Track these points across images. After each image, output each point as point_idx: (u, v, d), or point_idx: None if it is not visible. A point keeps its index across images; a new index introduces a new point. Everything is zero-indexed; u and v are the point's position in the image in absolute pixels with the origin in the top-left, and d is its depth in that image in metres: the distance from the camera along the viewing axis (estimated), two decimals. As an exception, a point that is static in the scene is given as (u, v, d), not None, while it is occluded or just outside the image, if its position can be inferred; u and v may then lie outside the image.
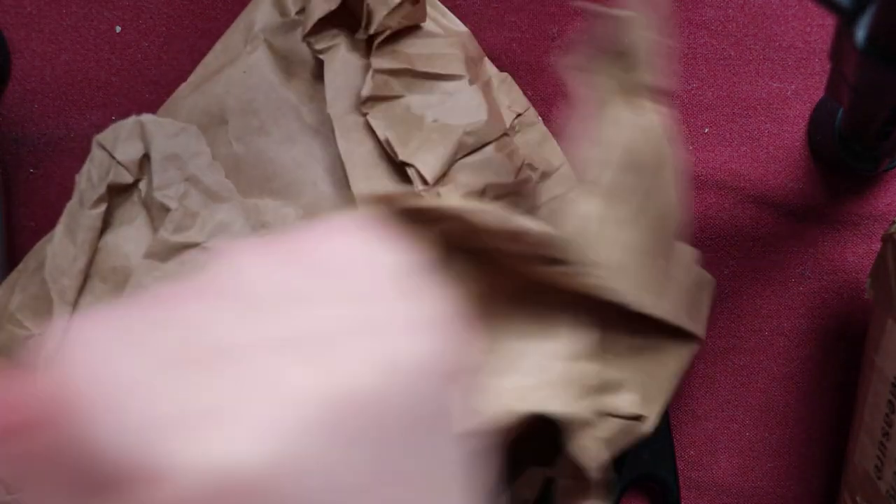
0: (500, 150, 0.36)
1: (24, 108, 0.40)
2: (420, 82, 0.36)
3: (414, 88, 0.36)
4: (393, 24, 0.35)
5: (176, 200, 0.36)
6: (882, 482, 0.33)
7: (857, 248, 0.40)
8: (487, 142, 0.36)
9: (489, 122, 0.36)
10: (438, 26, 0.37)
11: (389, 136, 0.35)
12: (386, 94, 0.35)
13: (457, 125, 0.35)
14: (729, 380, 0.41)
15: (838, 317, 0.41)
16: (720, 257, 0.40)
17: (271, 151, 0.37)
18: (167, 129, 0.36)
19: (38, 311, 0.35)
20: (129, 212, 0.36)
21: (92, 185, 0.35)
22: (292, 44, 0.37)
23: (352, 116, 0.36)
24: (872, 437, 0.34)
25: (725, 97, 0.40)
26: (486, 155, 0.36)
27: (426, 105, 0.36)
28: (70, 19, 0.40)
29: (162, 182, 0.36)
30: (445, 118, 0.36)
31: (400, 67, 0.35)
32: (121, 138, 0.36)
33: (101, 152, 0.36)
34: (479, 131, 0.36)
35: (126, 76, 0.40)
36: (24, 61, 0.40)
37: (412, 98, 0.36)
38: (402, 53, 0.36)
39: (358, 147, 0.36)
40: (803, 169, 0.40)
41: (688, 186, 0.40)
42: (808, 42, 0.40)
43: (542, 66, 0.40)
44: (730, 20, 0.40)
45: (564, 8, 0.40)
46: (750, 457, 0.40)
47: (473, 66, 0.37)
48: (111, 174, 0.35)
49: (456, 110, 0.36)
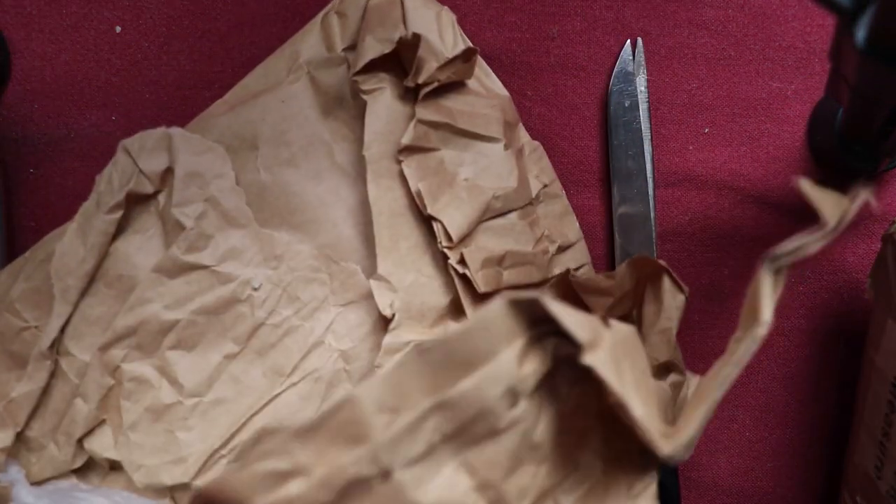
0: (524, 217, 0.37)
1: (24, 108, 0.40)
2: (457, 139, 0.36)
3: (450, 144, 0.36)
4: (442, 77, 0.35)
5: (193, 220, 0.36)
6: (882, 482, 0.33)
7: (857, 248, 0.40)
8: (513, 208, 0.37)
9: (517, 190, 0.36)
10: (482, 86, 0.38)
11: (422, 187, 0.35)
12: (423, 146, 0.36)
13: (487, 187, 0.36)
14: (729, 380, 0.41)
15: (838, 317, 0.41)
16: (720, 257, 0.40)
17: (297, 185, 0.37)
18: (194, 145, 0.36)
19: (38, 305, 0.35)
20: (145, 222, 0.36)
21: (111, 189, 0.35)
22: (334, 80, 0.37)
23: (385, 162, 0.36)
24: (872, 437, 0.34)
25: (725, 97, 0.40)
26: (510, 221, 0.37)
27: (460, 162, 0.36)
28: (70, 19, 0.40)
29: (181, 199, 0.36)
30: (477, 178, 0.36)
31: (441, 121, 0.36)
32: (146, 147, 0.35)
33: (126, 158, 0.35)
34: (507, 196, 0.36)
35: (126, 76, 0.40)
36: (24, 61, 0.40)
37: (447, 153, 0.36)
38: (444, 107, 0.36)
39: (386, 193, 0.36)
40: (803, 169, 0.40)
41: (687, 187, 0.41)
42: (808, 42, 0.40)
43: (542, 66, 0.40)
44: (730, 20, 0.40)
45: (564, 8, 0.40)
46: (750, 457, 0.40)
47: (510, 130, 0.38)
48: (132, 182, 0.35)
49: (488, 172, 0.36)
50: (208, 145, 0.36)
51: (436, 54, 0.35)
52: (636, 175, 0.40)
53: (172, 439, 0.36)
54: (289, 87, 0.37)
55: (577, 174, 0.40)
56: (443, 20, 0.35)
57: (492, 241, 0.36)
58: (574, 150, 0.40)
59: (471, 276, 0.35)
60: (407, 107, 0.37)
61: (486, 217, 0.36)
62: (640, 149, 0.40)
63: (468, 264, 0.35)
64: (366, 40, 0.35)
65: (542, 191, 0.38)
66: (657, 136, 0.40)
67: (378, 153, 0.36)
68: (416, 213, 0.36)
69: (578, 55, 0.40)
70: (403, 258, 0.36)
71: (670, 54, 0.40)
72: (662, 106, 0.40)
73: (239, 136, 0.37)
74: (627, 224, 0.39)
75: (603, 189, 0.41)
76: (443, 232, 0.35)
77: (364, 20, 0.36)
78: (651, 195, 0.39)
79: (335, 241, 0.37)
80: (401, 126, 0.36)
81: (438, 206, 0.35)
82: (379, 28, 0.35)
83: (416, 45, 0.35)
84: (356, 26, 0.37)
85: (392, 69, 0.37)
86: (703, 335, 0.41)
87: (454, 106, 0.36)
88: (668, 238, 0.40)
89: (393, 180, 0.36)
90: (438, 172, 0.36)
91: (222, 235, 0.36)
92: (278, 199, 0.37)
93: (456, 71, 0.36)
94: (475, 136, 0.36)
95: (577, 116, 0.40)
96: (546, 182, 0.38)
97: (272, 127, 0.37)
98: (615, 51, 0.40)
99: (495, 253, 0.36)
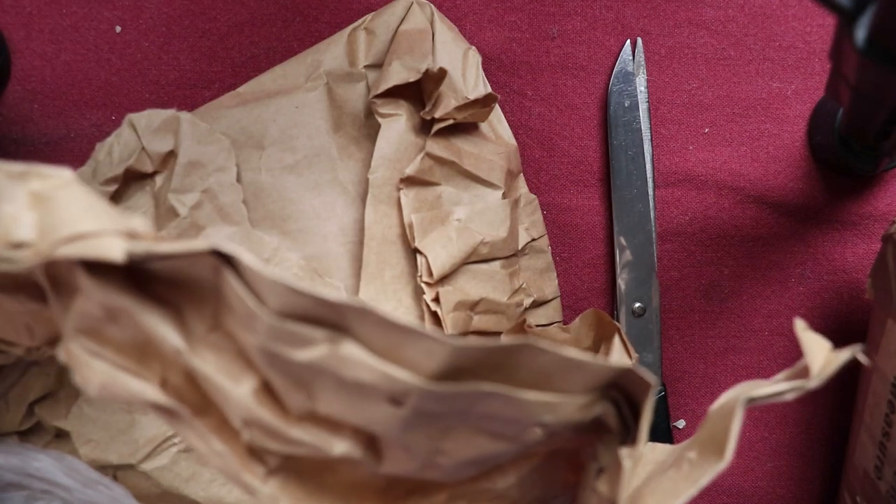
0: (506, 267, 0.37)
1: (24, 108, 0.40)
2: (460, 178, 0.37)
3: (452, 182, 0.37)
4: (459, 116, 0.36)
5: (187, 208, 0.36)
6: (882, 482, 0.33)
7: (857, 248, 0.40)
8: (498, 257, 0.37)
9: (506, 240, 0.37)
10: (492, 131, 0.38)
11: (414, 219, 0.36)
12: (426, 179, 0.36)
13: (477, 232, 0.36)
14: (729, 380, 0.41)
15: (838, 317, 0.41)
16: (720, 257, 0.40)
17: (295, 193, 0.37)
18: (200, 133, 0.36)
19: None
20: (139, 199, 0.36)
21: (111, 161, 0.35)
22: (351, 95, 0.38)
23: (388, 188, 0.37)
24: (872, 437, 0.34)
25: (725, 97, 0.40)
26: (492, 268, 0.37)
27: (457, 201, 0.37)
28: (70, 19, 0.40)
29: (179, 186, 0.36)
30: (469, 221, 0.36)
31: (448, 158, 0.36)
32: (153, 126, 0.35)
33: (131, 133, 0.35)
34: (494, 244, 0.37)
35: (126, 76, 0.40)
36: (24, 61, 0.40)
37: (447, 189, 0.37)
38: (454, 146, 0.37)
39: (382, 220, 0.37)
40: (803, 169, 0.40)
41: (687, 187, 0.41)
42: (808, 42, 0.40)
43: (542, 66, 0.40)
44: (730, 20, 0.40)
45: (564, 8, 0.40)
46: (750, 457, 0.40)
47: (511, 179, 0.38)
48: (133, 158, 0.35)
49: (482, 218, 0.37)
50: (215, 136, 0.36)
51: (456, 92, 0.35)
52: (636, 175, 0.40)
53: (130, 420, 0.36)
54: (305, 94, 0.37)
55: (577, 174, 0.40)
56: (469, 60, 0.36)
57: (470, 283, 0.37)
58: (574, 150, 0.40)
59: (441, 316, 0.36)
60: (419, 138, 0.37)
61: (471, 260, 0.37)
62: (640, 149, 0.40)
63: (441, 304, 0.36)
64: (392, 65, 0.35)
65: (529, 244, 0.39)
66: (657, 136, 0.40)
67: (382, 178, 0.37)
68: (407, 243, 0.37)
69: (578, 55, 0.40)
70: (386, 286, 0.37)
71: (670, 54, 0.40)
72: (662, 106, 0.40)
73: (246, 132, 0.37)
74: (627, 224, 0.40)
75: (603, 189, 0.41)
76: (425, 267, 0.36)
77: (393, 43, 0.36)
78: (651, 195, 0.39)
79: (323, 255, 0.38)
80: (409, 155, 0.37)
81: (426, 241, 0.36)
82: (407, 55, 0.35)
83: (441, 80, 0.35)
84: (383, 47, 0.37)
85: (411, 98, 0.37)
86: (703, 335, 0.41)
87: (463, 146, 0.37)
88: (668, 238, 0.40)
89: (391, 207, 0.37)
90: (434, 207, 0.36)
91: (214, 229, 0.36)
92: (274, 203, 0.37)
93: (473, 113, 0.36)
94: (477, 179, 0.37)
95: (577, 116, 0.40)
96: (535, 236, 0.39)
97: (282, 130, 0.37)
98: (615, 51, 0.40)
99: (470, 297, 0.36)
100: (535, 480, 0.24)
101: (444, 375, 0.19)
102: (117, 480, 0.36)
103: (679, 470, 0.20)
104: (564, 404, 0.20)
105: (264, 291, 0.18)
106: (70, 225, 0.18)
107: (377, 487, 0.23)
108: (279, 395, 0.20)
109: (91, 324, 0.20)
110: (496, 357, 0.19)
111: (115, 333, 0.20)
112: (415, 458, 0.21)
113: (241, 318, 0.19)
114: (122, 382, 0.20)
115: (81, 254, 0.17)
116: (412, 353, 0.18)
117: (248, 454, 0.21)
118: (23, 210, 0.18)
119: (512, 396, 0.19)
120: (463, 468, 0.22)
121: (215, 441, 0.21)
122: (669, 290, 0.41)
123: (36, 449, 0.33)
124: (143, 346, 0.20)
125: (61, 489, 0.31)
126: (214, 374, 0.20)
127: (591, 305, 0.41)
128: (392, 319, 0.18)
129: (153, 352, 0.20)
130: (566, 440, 0.22)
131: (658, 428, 0.39)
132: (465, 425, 0.20)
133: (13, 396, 0.35)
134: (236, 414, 0.20)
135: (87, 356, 0.20)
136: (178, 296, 0.20)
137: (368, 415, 0.20)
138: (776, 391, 0.20)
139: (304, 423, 0.21)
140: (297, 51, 0.39)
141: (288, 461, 0.22)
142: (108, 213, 0.18)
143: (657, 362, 0.39)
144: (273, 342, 0.19)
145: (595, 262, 0.40)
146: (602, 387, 0.20)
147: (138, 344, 0.20)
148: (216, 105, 0.38)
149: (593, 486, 0.22)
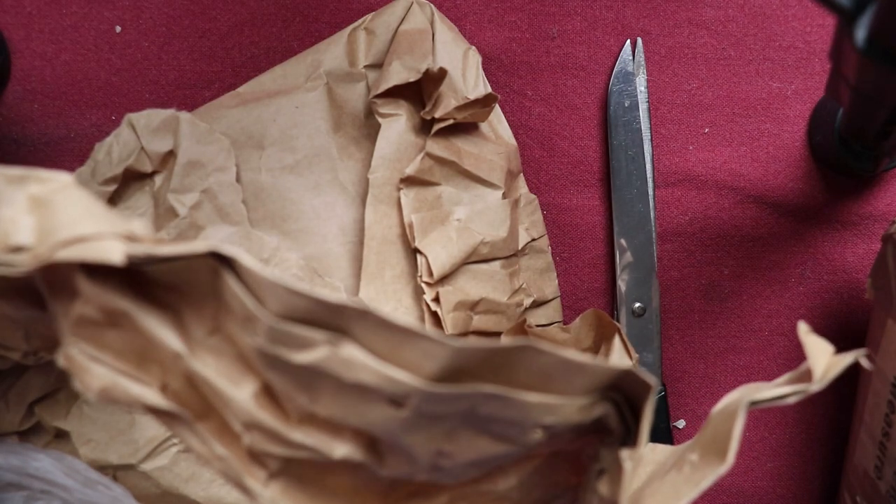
0: (506, 267, 0.37)
1: (24, 108, 0.40)
2: (460, 178, 0.37)
3: (452, 182, 0.37)
4: (459, 116, 0.36)
5: (187, 208, 0.36)
6: (882, 482, 0.33)
7: (857, 248, 0.40)
8: (498, 257, 0.37)
9: (506, 240, 0.37)
10: (492, 131, 0.38)
11: (414, 219, 0.36)
12: (426, 179, 0.36)
13: (477, 232, 0.36)
14: (729, 380, 0.41)
15: (838, 317, 0.41)
16: (720, 257, 0.40)
17: (295, 193, 0.37)
18: (200, 133, 0.36)
19: None
20: (138, 199, 0.36)
21: (110, 161, 0.35)
22: (350, 95, 0.38)
23: (388, 188, 0.37)
24: (872, 437, 0.34)
25: (725, 97, 0.40)
26: (492, 268, 0.37)
27: (457, 201, 0.37)
28: (70, 19, 0.40)
29: (179, 186, 0.36)
30: (470, 221, 0.36)
31: (448, 158, 0.36)
32: (152, 126, 0.35)
33: (130, 133, 0.35)
34: (494, 244, 0.37)
35: (126, 76, 0.40)
36: (24, 61, 0.40)
37: (447, 189, 0.37)
38: (454, 146, 0.36)
39: (382, 220, 0.37)
40: (803, 169, 0.40)
41: (687, 187, 0.41)
42: (808, 42, 0.40)
43: (542, 66, 0.40)
44: (730, 20, 0.40)
45: (564, 8, 0.40)
46: (750, 457, 0.40)
47: (511, 180, 0.38)
48: (132, 158, 0.35)
49: (482, 218, 0.37)
50: (215, 136, 0.36)
51: (456, 92, 0.35)
52: (636, 175, 0.40)
53: (130, 420, 0.36)
54: (305, 94, 0.37)
55: (577, 174, 0.40)
56: (469, 60, 0.36)
57: (470, 283, 0.37)
58: (574, 150, 0.40)
59: (441, 316, 0.36)
60: (419, 138, 0.37)
61: (471, 260, 0.37)
62: (640, 149, 0.40)
63: (441, 304, 0.36)
64: (392, 65, 0.35)
65: (529, 244, 0.39)
66: (657, 136, 0.40)
67: (382, 178, 0.37)
68: (407, 243, 0.37)
69: (578, 55, 0.40)
70: (386, 286, 0.37)
71: (670, 54, 0.40)
72: (662, 106, 0.40)
73: (247, 132, 0.37)
74: (627, 224, 0.39)
75: (603, 189, 0.41)
76: (425, 267, 0.36)
77: (393, 43, 0.36)
78: (651, 195, 0.39)
79: (322, 255, 0.38)
80: (409, 155, 0.37)
81: (426, 241, 0.36)
82: (407, 55, 0.35)
83: (441, 80, 0.35)
84: (383, 46, 0.37)
85: (411, 98, 0.37)
86: (703, 335, 0.41)
87: (463, 146, 0.37)
88: (668, 238, 0.40)
89: (391, 207, 0.37)
90: (434, 207, 0.36)
91: (213, 229, 0.36)
92: (274, 203, 0.37)
93: (473, 113, 0.36)
94: (477, 179, 0.37)
95: (577, 116, 0.40)
96: (535, 236, 0.39)
97: (282, 130, 0.37)
98: (615, 51, 0.40)
99: (470, 297, 0.36)
100: (536, 482, 0.24)
101: (445, 377, 0.19)
102: (117, 480, 0.36)
103: (680, 472, 0.20)
104: (565, 406, 0.20)
105: (264, 293, 0.18)
106: (69, 228, 0.18)
107: (378, 490, 0.23)
108: (279, 398, 0.20)
109: (90, 328, 0.20)
110: (496, 358, 0.19)
111: (114, 338, 0.20)
112: (416, 461, 0.21)
113: (240, 320, 0.19)
114: (122, 387, 0.20)
115: (80, 257, 0.17)
116: (412, 354, 0.18)
117: (249, 458, 0.21)
118: (21, 214, 0.18)
119: (512, 398, 0.19)
120: (464, 470, 0.22)
121: (216, 445, 0.21)
122: (669, 290, 0.41)
123: (36, 449, 0.33)
124: (142, 350, 0.20)
125: (61, 489, 0.31)
126: (214, 377, 0.20)
127: (591, 305, 0.41)
128: (392, 321, 0.18)
129: (153, 356, 0.20)
130: (567, 441, 0.22)
131: (658, 428, 0.39)
132: (466, 427, 0.20)
133: (13, 396, 0.35)
134: (237, 417, 0.20)
135: (86, 361, 0.20)
136: (177, 299, 0.20)
137: (369, 417, 0.19)
138: (779, 394, 0.20)
139: (304, 426, 0.20)
140: (297, 51, 0.39)
141: (289, 465, 0.22)
142: (107, 216, 0.18)
143: (657, 362, 0.39)
144: (273, 344, 0.18)
145: (595, 262, 0.40)
146: (602, 388, 0.20)
147: (138, 348, 0.20)
148: (216, 105, 0.38)
149: (594, 487, 0.22)
